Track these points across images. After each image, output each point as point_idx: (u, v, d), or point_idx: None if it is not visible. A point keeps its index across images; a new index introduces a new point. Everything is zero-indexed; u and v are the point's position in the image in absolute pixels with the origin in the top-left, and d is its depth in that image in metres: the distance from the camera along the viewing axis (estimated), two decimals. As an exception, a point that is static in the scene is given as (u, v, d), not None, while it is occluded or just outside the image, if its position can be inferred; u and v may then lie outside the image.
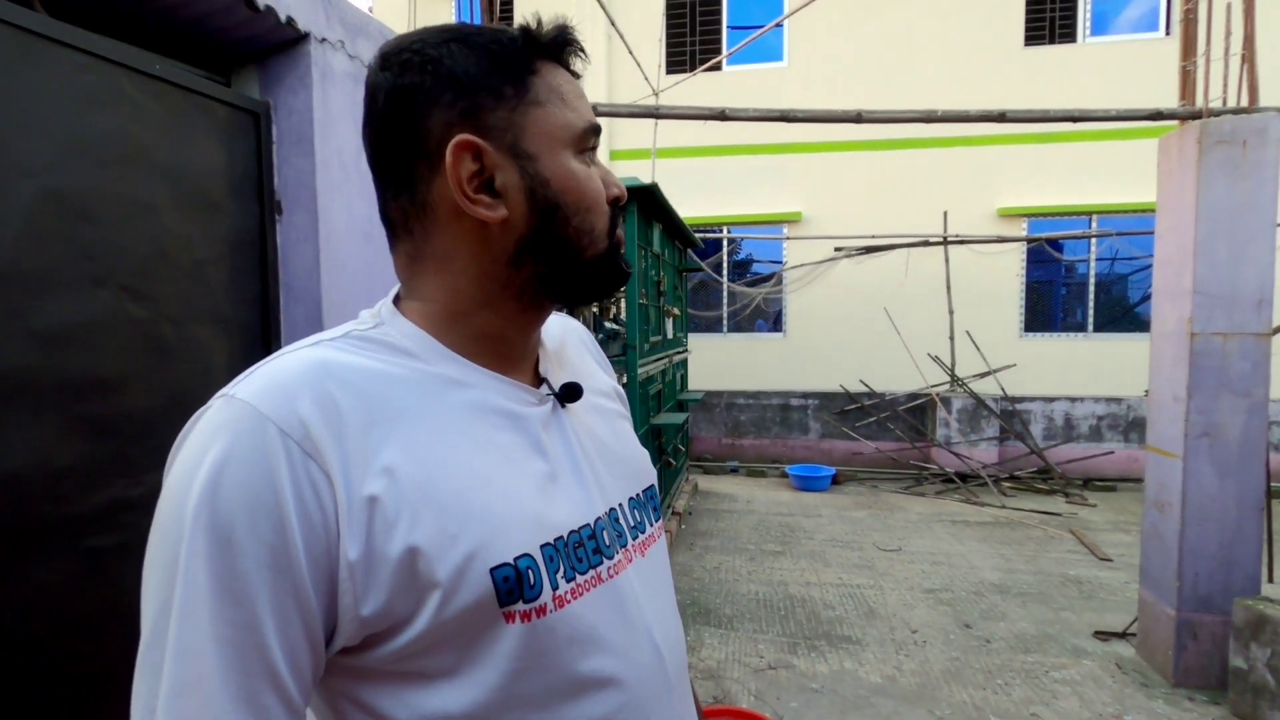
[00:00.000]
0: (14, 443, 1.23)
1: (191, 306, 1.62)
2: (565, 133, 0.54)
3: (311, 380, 0.47)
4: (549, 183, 0.53)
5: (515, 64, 0.53)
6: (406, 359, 0.53)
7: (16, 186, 1.25)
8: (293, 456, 0.44)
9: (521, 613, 0.48)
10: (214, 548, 0.42)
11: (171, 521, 0.43)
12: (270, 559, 0.43)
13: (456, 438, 0.51)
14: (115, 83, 1.43)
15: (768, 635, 3.14)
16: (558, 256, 0.55)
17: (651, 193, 3.45)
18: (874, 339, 6.93)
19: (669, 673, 0.58)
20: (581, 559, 0.54)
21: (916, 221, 6.80)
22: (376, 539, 0.45)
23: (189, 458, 0.44)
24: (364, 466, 0.46)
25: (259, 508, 0.42)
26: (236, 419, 0.44)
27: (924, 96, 6.61)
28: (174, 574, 0.42)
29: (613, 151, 7.97)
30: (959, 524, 4.92)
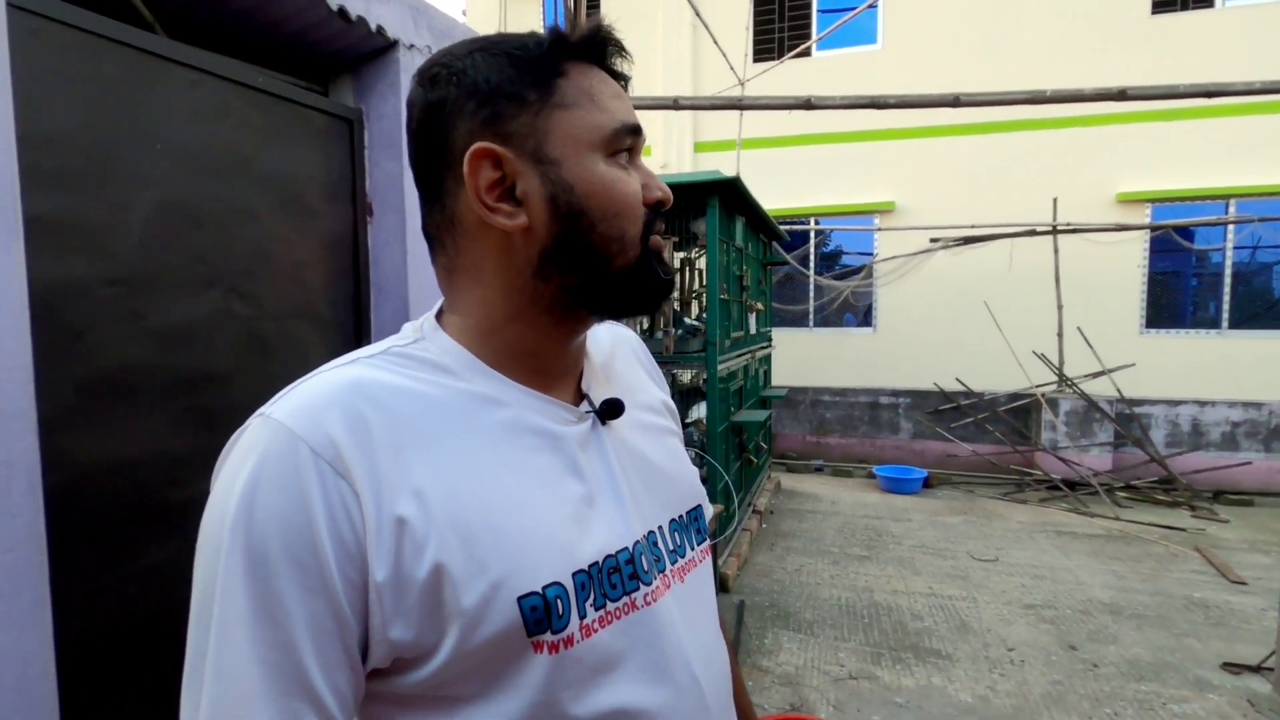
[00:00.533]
0: (134, 432, 1.34)
1: (291, 305, 1.72)
2: (593, 135, 0.52)
3: (344, 400, 0.47)
4: (573, 188, 0.51)
5: (540, 68, 0.52)
6: (443, 376, 0.52)
7: (138, 197, 1.36)
8: (324, 476, 0.44)
9: (550, 644, 0.47)
10: (250, 568, 0.42)
11: (211, 540, 0.44)
12: (304, 579, 0.43)
13: (489, 460, 0.50)
14: (223, 97, 1.53)
15: (850, 643, 3.03)
16: (584, 266, 0.52)
17: (734, 186, 3.38)
18: (972, 335, 6.54)
19: (709, 705, 0.55)
20: (615, 585, 0.52)
21: (1022, 209, 6.35)
22: (405, 562, 0.45)
23: (227, 477, 0.45)
24: (394, 488, 0.46)
25: (291, 528, 0.43)
26: (270, 439, 0.45)
27: (1032, 74, 6.14)
28: (213, 593, 0.43)
29: (697, 144, 7.90)
30: (1065, 535, 4.57)
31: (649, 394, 0.68)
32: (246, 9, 1.60)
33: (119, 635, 1.31)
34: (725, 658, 0.62)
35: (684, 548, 0.61)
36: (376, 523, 0.44)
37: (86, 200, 1.26)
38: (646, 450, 0.61)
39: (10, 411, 1.02)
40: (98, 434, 1.28)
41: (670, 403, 0.72)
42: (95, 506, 1.27)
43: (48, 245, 1.18)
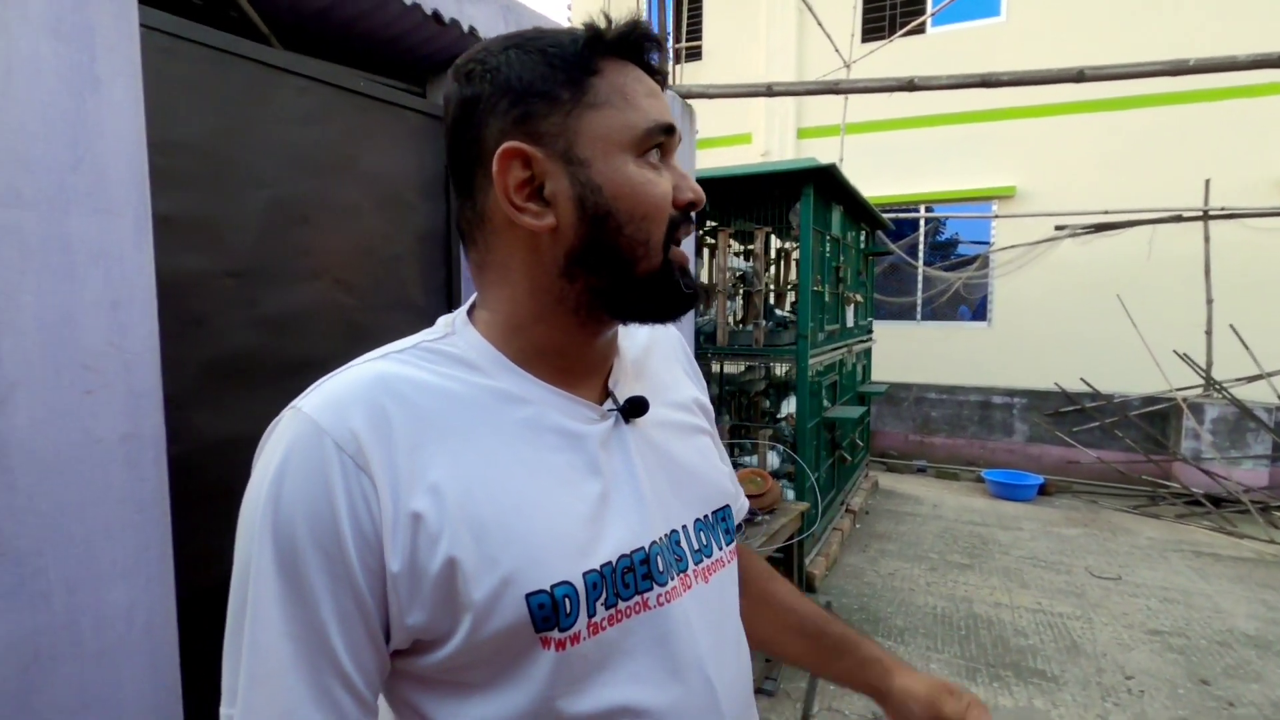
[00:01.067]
0: (247, 411, 1.48)
1: (387, 295, 1.84)
2: (624, 135, 0.51)
3: (368, 395, 0.49)
4: (601, 189, 0.51)
5: (574, 66, 0.51)
6: (468, 372, 0.53)
7: (254, 197, 1.49)
8: (346, 469, 0.46)
9: (556, 640, 0.48)
10: (279, 554, 0.45)
11: (246, 522, 0.47)
12: (328, 566, 0.45)
13: (507, 457, 0.51)
14: (328, 101, 1.64)
15: (943, 655, 2.87)
16: (609, 268, 0.52)
17: (829, 173, 3.25)
18: (1101, 331, 5.98)
19: (722, 708, 0.55)
20: (628, 585, 0.52)
21: (1165, 193, 5.71)
22: (420, 554, 0.46)
23: (262, 464, 0.48)
24: (411, 482, 0.47)
25: (316, 517, 0.45)
26: (298, 431, 0.47)
27: (1176, 42, 5.49)
28: (248, 572, 0.46)
29: (800, 130, 7.68)
30: (1205, 556, 4.10)
31: (681, 392, 0.67)
32: (350, 18, 1.71)
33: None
34: (746, 660, 0.62)
35: (710, 548, 0.60)
36: (393, 516, 0.46)
37: (209, 200, 1.40)
38: (673, 448, 0.61)
39: (140, 390, 1.16)
40: (215, 411, 1.42)
41: (705, 402, 0.71)
42: (212, 477, 1.41)
43: (175, 241, 1.32)
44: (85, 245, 1.08)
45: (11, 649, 1.00)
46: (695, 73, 7.98)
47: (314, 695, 0.45)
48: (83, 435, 1.08)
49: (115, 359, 1.12)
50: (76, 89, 1.06)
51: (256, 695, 0.46)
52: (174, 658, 1.23)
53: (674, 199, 0.54)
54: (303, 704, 0.45)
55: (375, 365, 0.52)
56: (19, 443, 1.01)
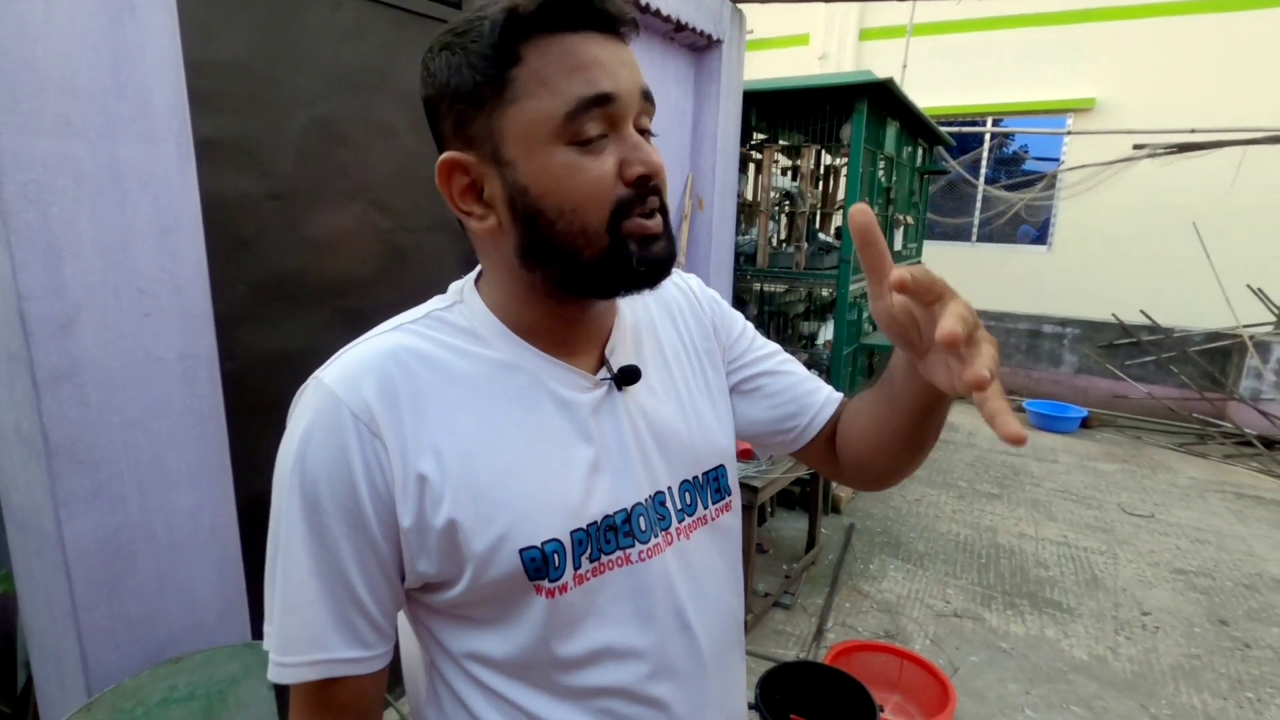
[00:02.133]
0: (293, 329, 1.55)
1: (425, 217, 1.85)
2: (544, 128, 0.50)
3: (380, 366, 0.53)
4: (527, 189, 0.51)
5: (493, 61, 0.50)
6: (472, 342, 0.57)
7: (292, 117, 1.50)
8: (361, 435, 0.51)
9: (547, 589, 0.54)
10: (305, 506, 0.51)
11: (280, 475, 0.53)
12: (347, 518, 0.52)
13: (504, 424, 0.55)
14: (362, 16, 1.61)
15: (960, 581, 2.95)
16: (555, 260, 0.53)
17: (887, 88, 3.06)
18: (1170, 261, 5.65)
19: (703, 653, 0.61)
20: (609, 541, 0.57)
21: (1265, 110, 5.20)
22: (426, 512, 0.52)
23: (292, 426, 0.54)
24: (418, 447, 0.52)
25: (336, 476, 0.51)
26: (320, 401, 0.52)
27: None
28: (280, 518, 0.53)
29: (863, 31, 7.14)
30: (1246, 499, 4.03)
31: (688, 351, 0.69)
32: (382, -78, 1.63)
33: (286, 496, 1.58)
34: (731, 609, 0.67)
35: (694, 506, 0.64)
36: (403, 478, 0.52)
37: (248, 122, 1.41)
38: (664, 414, 0.63)
39: (193, 312, 1.23)
40: (263, 330, 1.50)
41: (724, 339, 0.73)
42: (263, 390, 1.50)
43: (217, 164, 1.35)
44: (134, 172, 1.12)
45: (98, 544, 1.13)
46: (753, -35, 7.39)
47: (336, 622, 0.53)
48: (144, 354, 1.16)
49: (168, 283, 1.19)
50: (115, 14, 1.06)
51: (289, 620, 0.53)
52: (236, 552, 1.37)
53: (622, 175, 0.51)
54: (326, 629, 0.53)
55: (388, 338, 0.56)
56: (88, 361, 1.09)
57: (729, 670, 0.67)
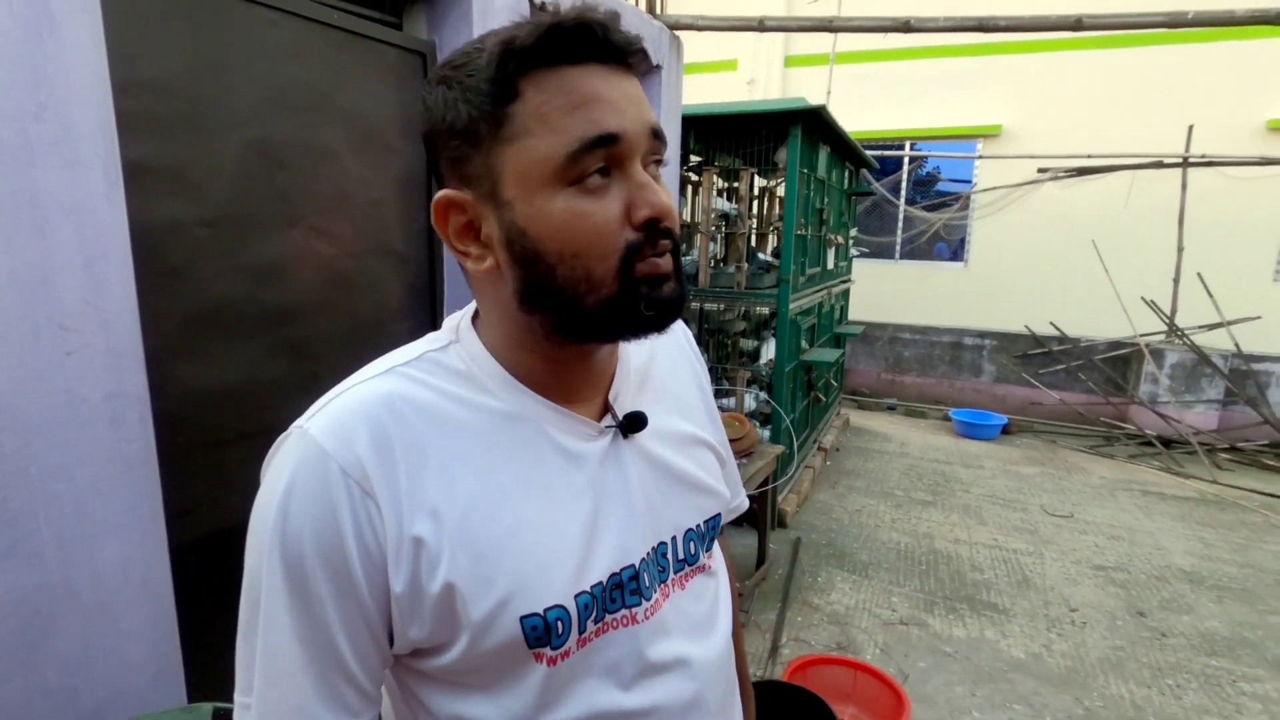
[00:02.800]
0: (229, 362, 1.46)
1: (368, 242, 1.79)
2: (543, 168, 0.47)
3: (372, 417, 0.49)
4: (525, 231, 0.48)
5: (489, 97, 0.47)
6: (471, 390, 0.53)
7: (226, 139, 1.42)
8: (352, 493, 0.47)
9: (548, 657, 0.51)
10: (287, 568, 0.47)
11: (256, 534, 0.49)
12: (335, 581, 0.47)
13: (505, 479, 0.51)
14: (300, 35, 1.55)
15: (904, 589, 3.05)
16: (556, 305, 0.50)
17: (818, 114, 3.18)
18: (1074, 276, 6.08)
19: (708, 700, 0.59)
20: (616, 600, 0.54)
21: (1149, 138, 5.69)
22: (421, 576, 0.48)
23: (270, 480, 0.49)
24: (413, 507, 0.48)
25: (323, 538, 0.47)
26: (305, 454, 0.48)
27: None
28: (259, 581, 0.48)
29: (788, 58, 7.42)
30: (1151, 496, 4.34)
31: (686, 395, 0.67)
32: (321, -59, 1.59)
33: (220, 541, 1.47)
34: (727, 652, 0.64)
35: (696, 555, 0.62)
36: (397, 540, 0.48)
37: (179, 144, 1.33)
38: (670, 460, 0.61)
39: (121, 349, 1.14)
40: (198, 364, 1.40)
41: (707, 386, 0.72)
42: (198, 429, 1.40)
43: (147, 190, 1.26)
44: (54, 200, 1.03)
45: (12, 608, 1.02)
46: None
47: (321, 692, 0.49)
48: (66, 396, 1.07)
49: (93, 318, 1.10)
50: (34, 31, 0.98)
51: (270, 692, 0.49)
52: (170, 605, 1.26)
53: (629, 218, 0.48)
54: (311, 700, 0.48)
55: (380, 383, 0.52)
56: (3, 406, 0.99)
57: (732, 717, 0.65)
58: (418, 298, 1.96)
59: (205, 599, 1.44)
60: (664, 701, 0.56)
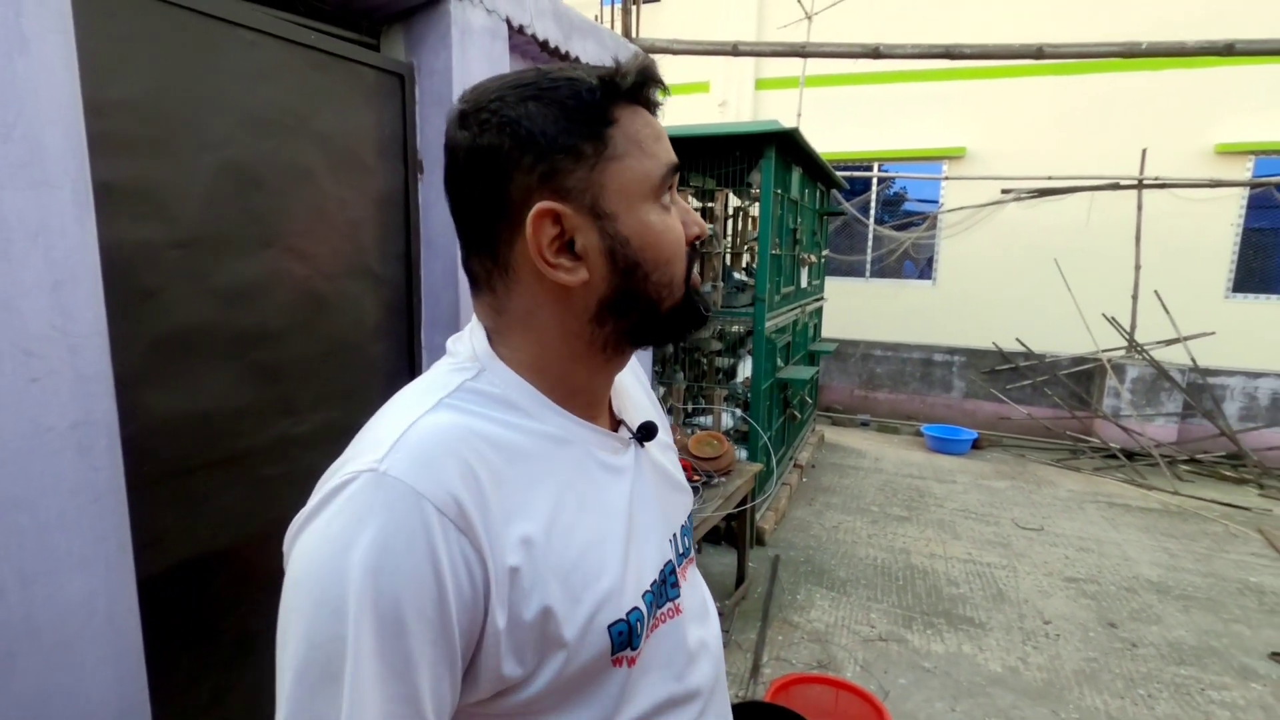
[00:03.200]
0: (201, 387, 1.43)
1: (344, 263, 1.77)
2: (644, 185, 0.53)
3: (456, 452, 0.48)
4: (629, 241, 0.53)
5: (593, 118, 0.51)
6: (518, 416, 0.54)
7: (200, 160, 1.40)
8: (449, 535, 0.45)
9: (629, 658, 0.54)
10: (381, 629, 0.43)
11: (329, 597, 0.43)
12: (429, 633, 0.44)
13: (571, 501, 0.54)
14: (279, 56, 1.54)
15: (882, 605, 3.07)
16: (638, 311, 0.55)
17: (791, 137, 3.24)
18: (1038, 294, 6.25)
19: (722, 678, 0.67)
20: (662, 595, 0.60)
21: (1106, 160, 5.92)
22: (518, 607, 0.48)
23: (341, 533, 0.44)
24: (504, 539, 0.48)
25: (422, 589, 0.44)
26: (391, 499, 0.44)
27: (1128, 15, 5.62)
28: (341, 649, 0.42)
29: (758, 81, 7.57)
30: (1117, 507, 4.45)
31: (640, 400, 0.72)
32: (299, -38, 1.58)
33: (191, 572, 1.43)
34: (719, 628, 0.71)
35: (689, 548, 0.69)
36: (495, 575, 0.47)
37: (152, 165, 1.30)
38: (666, 465, 0.67)
39: (90, 374, 1.10)
40: (168, 389, 1.36)
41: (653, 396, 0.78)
42: (168, 456, 1.36)
43: (117, 211, 1.23)
44: (22, 222, 1.00)
45: (-33, 648, 0.97)
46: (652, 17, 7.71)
47: None
48: (30, 425, 1.03)
49: (60, 343, 1.06)
50: (3, 50, 0.96)
51: None
52: (137, 644, 1.21)
53: (686, 234, 0.57)
54: None
55: (443, 417, 0.51)
56: (-40, 436, 0.95)
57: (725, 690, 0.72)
58: (395, 319, 1.94)
59: (174, 633, 1.39)
60: (701, 684, 0.61)
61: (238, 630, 1.54)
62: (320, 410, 1.72)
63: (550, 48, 2.32)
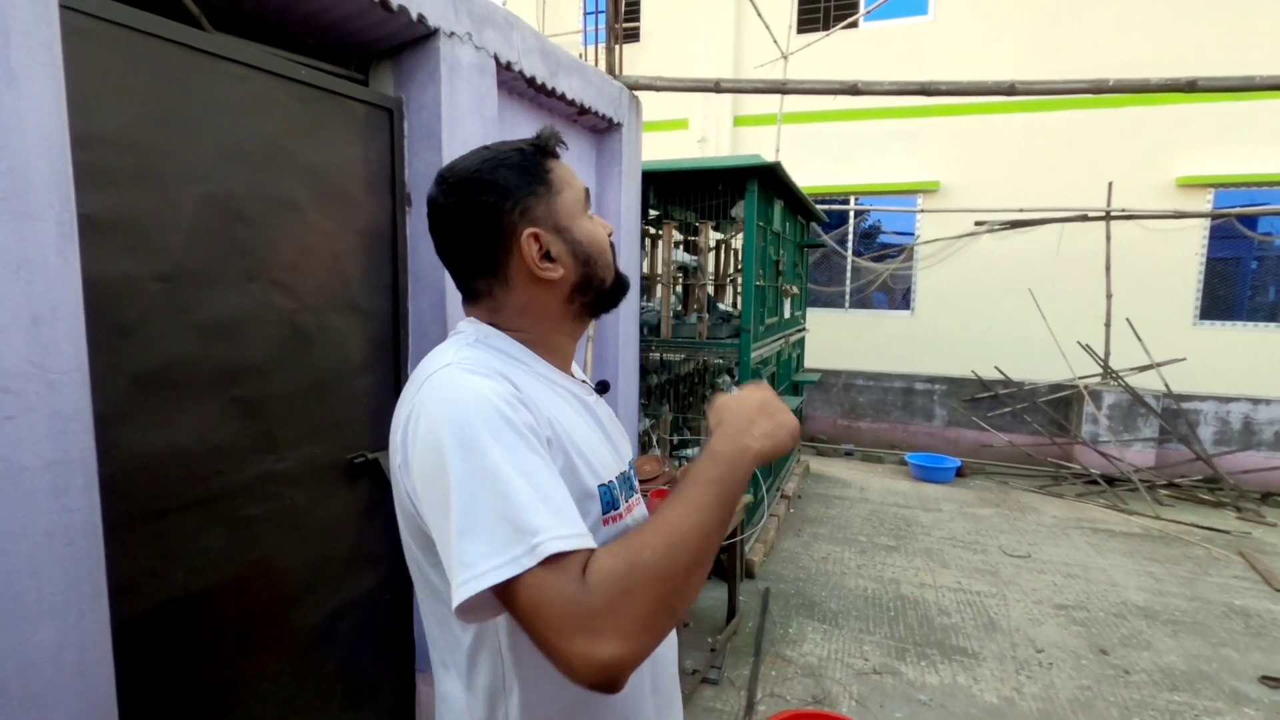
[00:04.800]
0: (182, 424, 1.38)
1: (330, 297, 1.74)
2: (576, 205, 0.81)
3: (491, 365, 0.73)
4: (580, 243, 0.81)
5: (539, 170, 0.79)
6: (521, 363, 0.79)
7: (184, 192, 1.38)
8: (504, 385, 0.70)
9: (612, 517, 0.79)
10: (501, 423, 0.66)
11: (465, 429, 0.65)
12: (525, 431, 0.67)
13: (565, 411, 0.78)
14: (267, 90, 1.54)
15: (874, 636, 3.03)
16: (591, 289, 0.83)
17: (773, 171, 3.30)
18: (1014, 323, 6.36)
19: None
20: (624, 491, 0.84)
21: (1074, 193, 6.10)
22: (555, 457, 0.71)
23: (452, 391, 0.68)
24: (534, 405, 0.72)
25: (512, 409, 0.68)
26: (468, 375, 0.70)
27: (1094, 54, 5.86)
28: (488, 449, 0.63)
29: (737, 118, 7.73)
30: (1101, 533, 4.47)
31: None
32: (289, 1, 1.59)
33: (168, 616, 1.37)
34: None
35: (636, 491, 0.92)
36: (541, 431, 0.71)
37: (136, 197, 1.28)
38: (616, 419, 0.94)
39: (68, 413, 1.06)
40: (148, 426, 1.32)
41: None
42: (146, 496, 1.31)
43: (101, 244, 1.21)
44: (3, 256, 0.97)
45: (-72, 705, 0.91)
46: (633, 56, 7.89)
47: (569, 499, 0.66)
48: (3, 465, 0.99)
49: (38, 379, 1.03)
50: (-11, 82, 0.94)
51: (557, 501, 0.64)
52: (110, 695, 1.15)
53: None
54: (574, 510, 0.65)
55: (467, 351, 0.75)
56: (-71, 477, 0.91)
57: None
58: (381, 352, 1.91)
59: (148, 683, 1.32)
60: None
61: (215, 678, 1.47)
62: (304, 446, 1.68)
63: (537, 84, 2.35)
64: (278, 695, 1.63)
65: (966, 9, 6.58)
